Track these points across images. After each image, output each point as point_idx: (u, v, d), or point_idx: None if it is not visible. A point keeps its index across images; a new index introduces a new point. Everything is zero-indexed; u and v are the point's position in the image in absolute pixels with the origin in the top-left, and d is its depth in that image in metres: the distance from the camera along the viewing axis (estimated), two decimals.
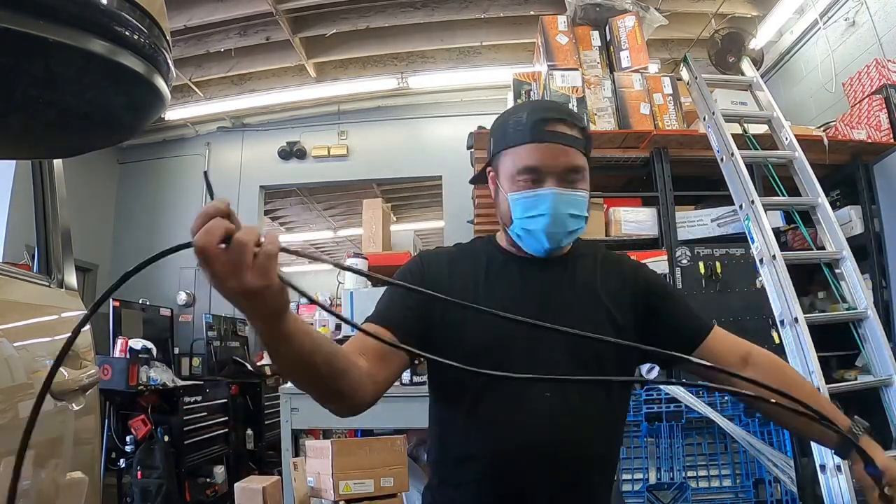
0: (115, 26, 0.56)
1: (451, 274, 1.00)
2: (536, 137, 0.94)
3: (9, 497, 0.48)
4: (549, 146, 0.94)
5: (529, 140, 0.94)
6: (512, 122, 0.98)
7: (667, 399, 2.37)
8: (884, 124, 2.95)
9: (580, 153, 0.97)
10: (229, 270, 0.63)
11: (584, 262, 1.04)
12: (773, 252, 2.21)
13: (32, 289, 1.18)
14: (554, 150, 0.94)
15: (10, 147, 0.79)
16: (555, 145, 0.94)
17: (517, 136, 0.96)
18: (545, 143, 0.94)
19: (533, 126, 0.95)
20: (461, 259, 1.04)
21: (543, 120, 0.95)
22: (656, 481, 2.35)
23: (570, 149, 0.95)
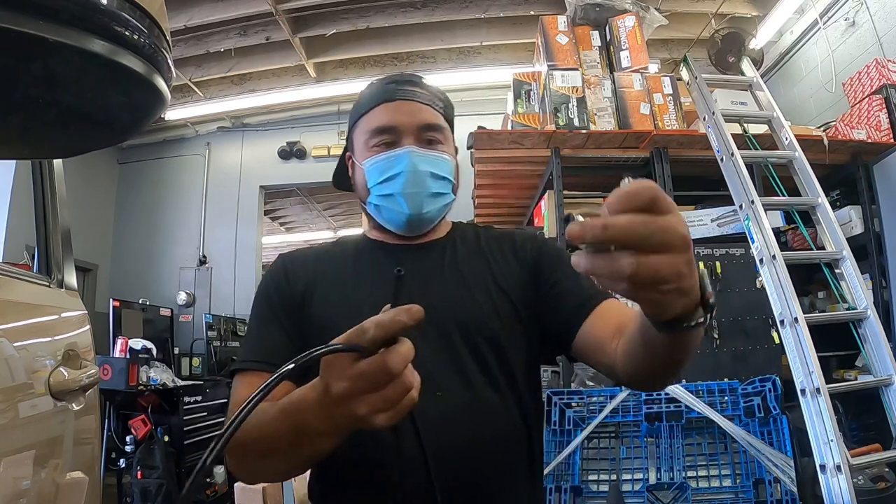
0: (115, 26, 0.56)
1: (316, 272, 0.88)
2: (387, 97, 0.88)
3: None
4: (401, 103, 0.87)
5: (381, 101, 0.88)
6: (362, 95, 0.92)
7: (667, 399, 2.36)
8: (884, 124, 2.96)
9: (438, 114, 0.89)
10: (379, 406, 0.52)
11: (466, 243, 0.93)
12: (773, 252, 2.21)
13: (32, 289, 1.18)
14: (406, 106, 0.87)
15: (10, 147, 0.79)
16: (407, 102, 0.87)
17: (367, 102, 0.89)
18: (396, 101, 0.87)
19: (382, 88, 0.89)
20: (326, 255, 0.93)
21: (393, 81, 0.89)
22: (656, 481, 2.35)
23: (425, 106, 0.88)
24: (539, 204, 3.24)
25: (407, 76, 0.92)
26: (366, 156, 0.88)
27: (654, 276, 0.41)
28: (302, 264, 0.90)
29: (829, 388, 1.95)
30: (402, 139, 0.86)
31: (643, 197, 0.41)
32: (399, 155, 0.86)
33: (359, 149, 0.90)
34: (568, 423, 2.34)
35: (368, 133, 0.88)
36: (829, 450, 1.82)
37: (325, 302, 0.85)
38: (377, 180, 0.87)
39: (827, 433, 1.84)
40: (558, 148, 2.91)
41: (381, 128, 0.87)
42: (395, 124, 0.86)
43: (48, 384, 1.02)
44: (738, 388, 2.36)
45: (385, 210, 0.88)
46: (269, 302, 0.86)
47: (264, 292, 0.88)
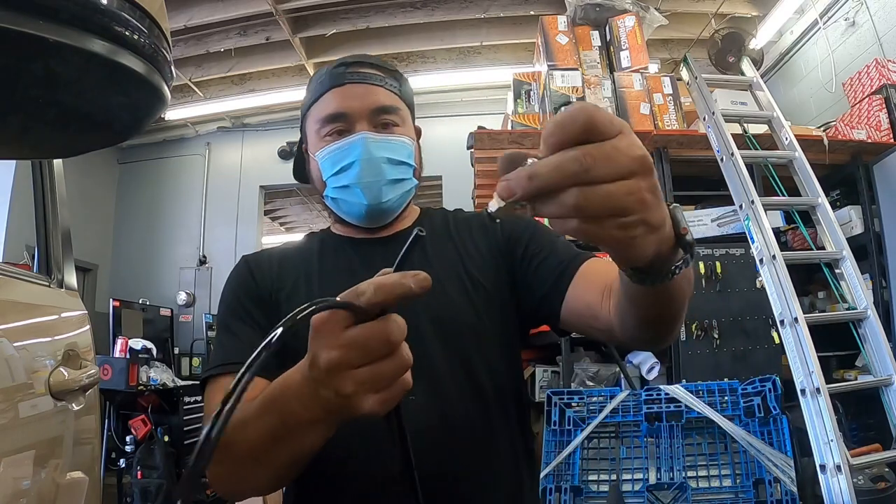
0: (115, 26, 0.56)
1: (281, 271, 0.84)
2: (335, 81, 0.82)
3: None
4: (350, 87, 0.82)
5: (329, 87, 0.82)
6: (312, 83, 0.87)
7: (667, 399, 2.36)
8: (884, 124, 2.96)
9: (393, 94, 0.84)
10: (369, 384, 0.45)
11: (434, 231, 0.88)
12: (773, 252, 2.21)
13: (32, 289, 1.18)
14: (356, 89, 0.82)
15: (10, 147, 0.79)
16: (357, 85, 0.82)
17: (316, 89, 0.84)
18: (345, 85, 0.82)
19: (332, 73, 0.83)
20: (291, 254, 0.88)
21: (343, 65, 0.84)
22: (656, 481, 2.35)
23: (378, 88, 0.83)
24: None
25: (357, 56, 0.86)
26: (318, 146, 0.83)
27: (605, 204, 0.34)
28: (267, 264, 0.85)
29: (829, 388, 1.95)
30: (354, 125, 0.81)
31: (577, 124, 0.34)
32: (352, 142, 0.80)
33: (311, 140, 0.86)
34: (568, 423, 2.34)
35: (319, 122, 0.83)
36: (829, 450, 1.82)
37: (291, 302, 0.79)
38: (331, 171, 0.82)
39: (827, 433, 1.84)
40: None
41: (332, 115, 0.82)
42: (345, 110, 0.81)
43: (48, 384, 1.02)
44: (738, 388, 2.36)
45: (343, 202, 0.83)
46: (238, 302, 0.81)
47: (231, 293, 0.83)
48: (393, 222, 0.87)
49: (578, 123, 0.34)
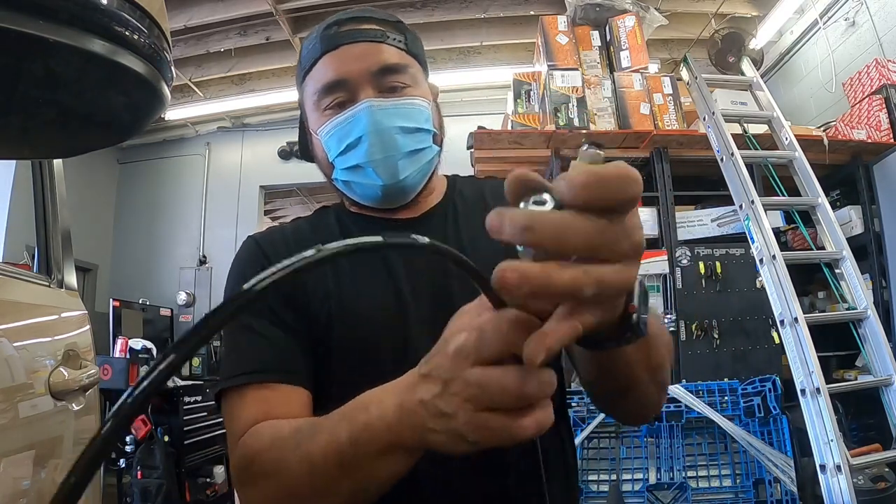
0: (115, 26, 0.56)
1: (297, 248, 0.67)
2: (329, 44, 0.70)
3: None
4: (347, 48, 0.69)
5: (322, 51, 0.70)
6: (303, 50, 0.74)
7: (667, 399, 2.37)
8: (884, 124, 2.96)
9: (398, 50, 0.71)
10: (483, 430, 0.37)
11: (467, 205, 0.77)
12: (773, 252, 2.21)
13: (32, 289, 1.18)
14: (353, 50, 0.69)
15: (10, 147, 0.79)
16: (355, 45, 0.69)
17: (310, 56, 0.72)
18: (341, 47, 0.69)
19: (324, 34, 0.71)
20: (306, 235, 0.75)
21: (336, 23, 0.72)
22: (656, 481, 2.35)
23: (379, 44, 0.70)
24: None
25: (352, 11, 0.74)
26: (319, 122, 0.71)
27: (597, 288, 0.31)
28: (283, 246, 0.73)
29: (829, 388, 1.95)
30: (357, 93, 0.69)
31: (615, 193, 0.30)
32: (356, 114, 0.68)
33: (311, 116, 0.73)
34: None
35: (316, 93, 0.71)
36: (829, 450, 1.82)
37: (315, 294, 0.69)
38: (337, 150, 0.70)
39: (827, 433, 1.84)
40: (558, 148, 2.91)
41: (328, 84, 0.69)
42: (343, 76, 0.68)
43: (48, 384, 1.02)
44: (738, 388, 2.36)
45: (355, 185, 0.71)
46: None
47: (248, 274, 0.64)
48: (418, 199, 0.75)
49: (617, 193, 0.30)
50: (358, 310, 0.68)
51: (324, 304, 0.68)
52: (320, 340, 0.67)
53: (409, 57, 0.73)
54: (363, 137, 0.68)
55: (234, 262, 0.76)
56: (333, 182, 0.75)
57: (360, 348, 0.66)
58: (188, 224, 5.94)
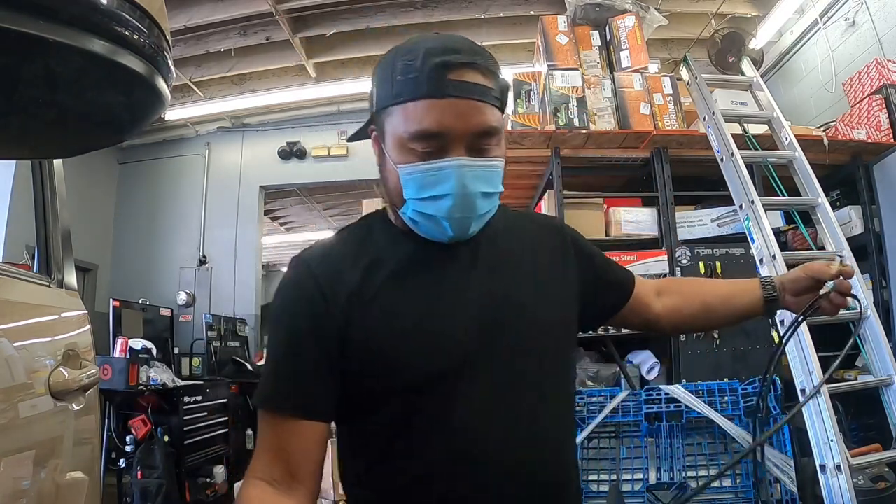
0: (115, 26, 0.56)
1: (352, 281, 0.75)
2: (435, 90, 0.68)
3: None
4: (454, 102, 0.68)
5: (426, 94, 0.68)
6: (401, 64, 0.70)
7: (667, 399, 2.37)
8: (884, 124, 2.96)
9: (495, 109, 0.72)
10: None
11: (509, 231, 0.85)
12: (773, 252, 2.21)
13: (32, 289, 1.18)
14: (459, 107, 0.68)
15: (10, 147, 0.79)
16: (461, 101, 0.68)
17: (408, 86, 0.69)
18: (448, 99, 0.68)
19: (431, 74, 0.68)
20: (359, 257, 0.77)
21: (444, 65, 0.68)
22: (656, 481, 2.35)
23: (483, 104, 0.69)
24: (539, 204, 3.24)
25: (460, 51, 0.70)
26: (402, 159, 0.71)
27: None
28: (336, 275, 0.75)
29: (829, 388, 1.94)
30: (450, 148, 0.69)
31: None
32: (446, 169, 0.69)
33: (391, 143, 0.73)
34: None
35: (407, 134, 0.70)
36: (829, 450, 1.82)
37: (367, 316, 0.73)
38: (416, 195, 0.71)
39: (827, 433, 1.84)
40: (558, 148, 2.91)
41: (427, 133, 0.69)
42: (442, 131, 0.68)
43: (48, 384, 1.02)
44: (738, 388, 2.36)
45: (424, 226, 0.74)
46: (302, 331, 0.73)
47: (294, 310, 0.75)
48: None
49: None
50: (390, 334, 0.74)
51: (371, 306, 0.74)
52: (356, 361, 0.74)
53: (500, 116, 0.74)
54: (448, 196, 0.70)
55: (283, 286, 0.78)
56: (399, 212, 0.76)
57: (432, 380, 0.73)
58: (188, 224, 5.94)
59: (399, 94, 0.70)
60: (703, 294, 1.02)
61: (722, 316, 1.00)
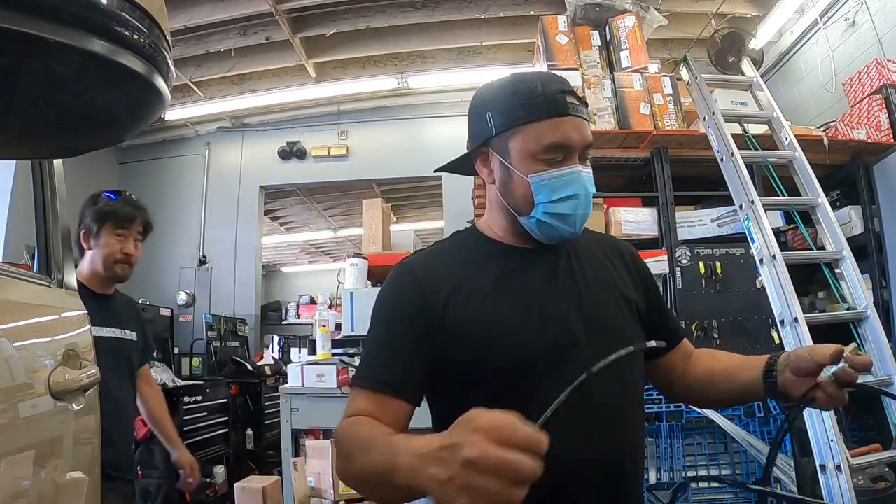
0: (115, 26, 0.56)
1: (449, 280, 0.87)
2: (561, 110, 0.85)
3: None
4: (574, 120, 0.86)
5: (555, 113, 0.85)
6: (524, 93, 0.87)
7: (667, 399, 2.37)
8: (884, 124, 2.95)
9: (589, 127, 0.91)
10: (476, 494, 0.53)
11: (583, 247, 0.97)
12: (773, 252, 2.21)
13: (32, 289, 1.18)
14: (578, 124, 0.86)
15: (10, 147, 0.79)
16: (578, 119, 0.86)
17: (536, 108, 0.85)
18: (569, 117, 0.85)
19: (554, 98, 0.85)
20: (456, 260, 0.92)
21: (563, 92, 0.86)
22: (656, 481, 2.35)
23: (587, 122, 0.89)
24: None
25: (565, 82, 0.90)
26: (532, 169, 0.86)
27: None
28: (435, 275, 0.88)
29: None
30: (570, 158, 0.86)
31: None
32: (573, 175, 0.86)
33: (520, 159, 0.87)
34: None
35: (540, 146, 0.85)
36: (829, 450, 1.82)
37: (464, 309, 0.85)
38: (549, 198, 0.86)
39: (827, 433, 1.84)
40: None
41: (556, 145, 0.85)
42: (569, 143, 0.85)
43: (48, 384, 1.02)
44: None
45: (550, 227, 0.88)
46: (402, 318, 0.86)
47: (395, 305, 0.88)
48: None
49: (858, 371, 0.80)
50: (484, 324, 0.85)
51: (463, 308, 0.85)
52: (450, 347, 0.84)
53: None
54: (578, 196, 0.86)
55: (385, 285, 0.92)
56: (525, 218, 0.89)
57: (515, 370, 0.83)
58: (188, 224, 5.94)
59: (528, 115, 0.86)
60: (711, 363, 1.00)
61: (723, 390, 0.96)
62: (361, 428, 0.77)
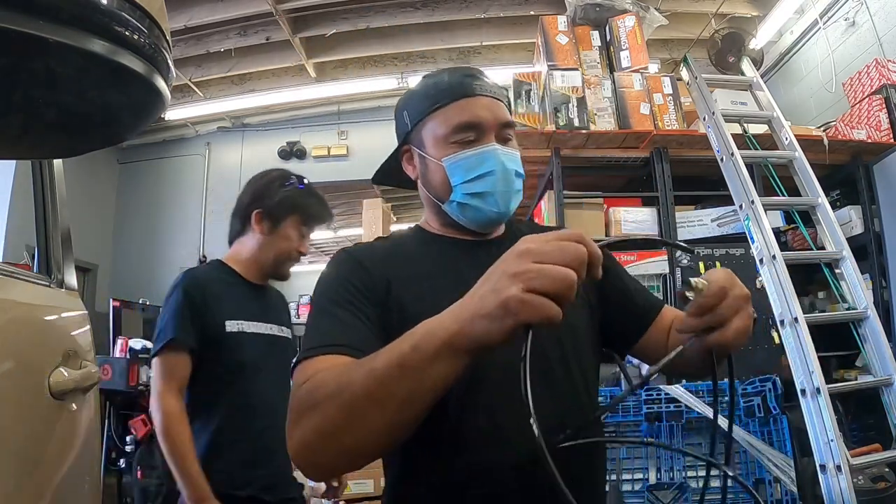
0: (115, 26, 0.56)
1: (388, 266, 0.83)
2: (468, 91, 0.85)
3: None
4: (482, 99, 0.85)
5: (461, 95, 0.84)
6: (431, 86, 0.88)
7: (667, 399, 2.37)
8: (884, 124, 2.96)
9: (508, 112, 0.89)
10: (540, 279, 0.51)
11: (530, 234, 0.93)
12: (773, 252, 2.21)
13: (32, 289, 1.18)
14: (487, 101, 0.85)
15: (10, 147, 0.79)
16: (488, 98, 0.85)
17: (442, 94, 0.85)
18: (477, 97, 0.84)
19: (458, 81, 0.86)
20: (395, 251, 0.88)
21: (469, 76, 0.86)
22: (656, 481, 2.35)
23: (501, 103, 0.87)
24: (539, 204, 3.24)
25: (473, 69, 0.89)
26: (445, 152, 0.85)
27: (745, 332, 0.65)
28: (376, 260, 0.84)
29: (829, 388, 1.95)
30: (484, 137, 0.84)
31: (724, 291, 0.64)
32: (486, 152, 0.84)
33: (432, 144, 0.86)
34: None
35: (449, 128, 0.84)
36: (829, 450, 1.82)
37: (406, 290, 0.80)
38: (464, 178, 0.84)
39: (827, 433, 1.84)
40: (558, 148, 2.91)
41: (465, 124, 0.83)
42: (478, 120, 0.84)
43: (48, 384, 1.02)
44: (738, 388, 2.36)
45: (471, 209, 0.85)
46: (348, 292, 0.78)
47: (340, 283, 0.80)
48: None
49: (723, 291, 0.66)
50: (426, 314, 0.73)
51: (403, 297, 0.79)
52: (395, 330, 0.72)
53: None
54: (493, 172, 0.83)
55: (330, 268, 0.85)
56: (446, 204, 0.87)
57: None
58: (188, 224, 5.94)
59: (436, 102, 0.85)
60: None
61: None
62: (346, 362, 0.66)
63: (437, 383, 0.56)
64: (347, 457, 0.62)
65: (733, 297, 0.64)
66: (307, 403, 0.63)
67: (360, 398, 0.58)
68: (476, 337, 0.54)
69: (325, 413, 0.60)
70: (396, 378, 0.56)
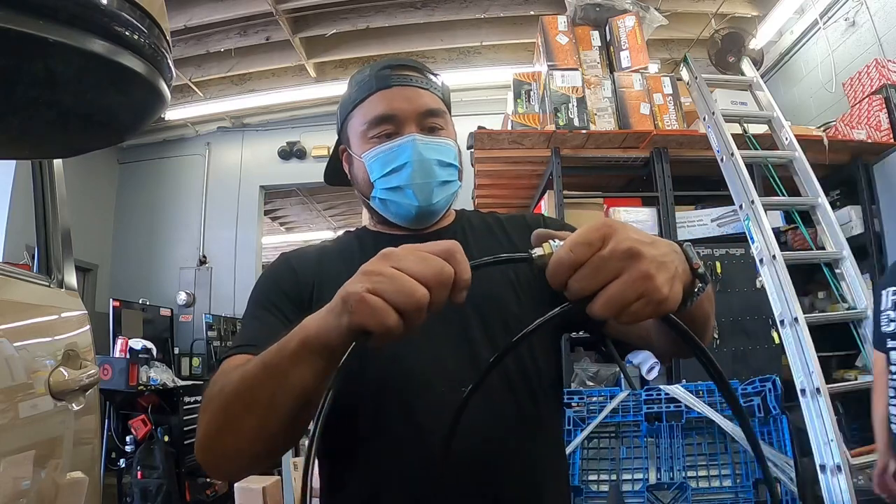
0: (115, 26, 0.56)
1: (321, 269, 0.81)
2: (383, 84, 0.83)
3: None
4: (399, 89, 0.82)
5: (376, 89, 0.83)
6: (354, 82, 0.87)
7: (667, 399, 2.36)
8: (884, 124, 2.96)
9: (437, 98, 0.85)
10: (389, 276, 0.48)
11: (474, 229, 0.89)
12: (773, 252, 2.21)
13: (32, 289, 1.18)
14: (405, 92, 0.82)
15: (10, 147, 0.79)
16: (405, 87, 0.82)
17: (362, 89, 0.84)
18: (393, 87, 0.82)
19: (377, 75, 0.84)
20: (331, 252, 0.87)
21: (388, 67, 0.84)
22: (656, 481, 2.35)
23: (424, 91, 0.83)
24: (539, 204, 3.24)
25: (401, 60, 0.88)
26: (364, 148, 0.83)
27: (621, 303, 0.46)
28: (307, 262, 0.84)
29: (829, 388, 1.95)
30: (402, 128, 0.81)
31: (589, 244, 0.47)
32: (402, 144, 0.80)
33: (356, 141, 0.85)
34: (568, 423, 2.34)
35: (366, 123, 0.83)
36: (829, 450, 1.82)
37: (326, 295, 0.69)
38: (380, 173, 0.81)
39: (827, 433, 1.84)
40: (558, 148, 2.91)
41: (380, 117, 0.81)
42: (394, 112, 0.81)
43: (48, 384, 1.02)
44: (738, 388, 2.36)
45: (392, 204, 0.82)
46: (274, 295, 0.80)
47: (268, 285, 0.81)
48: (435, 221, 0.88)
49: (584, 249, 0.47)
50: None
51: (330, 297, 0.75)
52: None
53: (443, 104, 0.86)
54: (407, 164, 0.80)
55: (264, 272, 0.87)
56: (370, 201, 0.85)
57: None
58: (188, 224, 5.95)
59: (355, 99, 0.85)
60: None
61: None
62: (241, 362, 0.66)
63: (297, 387, 0.54)
64: (232, 459, 0.62)
65: (600, 258, 0.46)
66: (202, 403, 0.65)
67: (233, 400, 0.59)
68: (320, 334, 0.52)
69: (211, 413, 0.62)
70: (261, 380, 0.56)
